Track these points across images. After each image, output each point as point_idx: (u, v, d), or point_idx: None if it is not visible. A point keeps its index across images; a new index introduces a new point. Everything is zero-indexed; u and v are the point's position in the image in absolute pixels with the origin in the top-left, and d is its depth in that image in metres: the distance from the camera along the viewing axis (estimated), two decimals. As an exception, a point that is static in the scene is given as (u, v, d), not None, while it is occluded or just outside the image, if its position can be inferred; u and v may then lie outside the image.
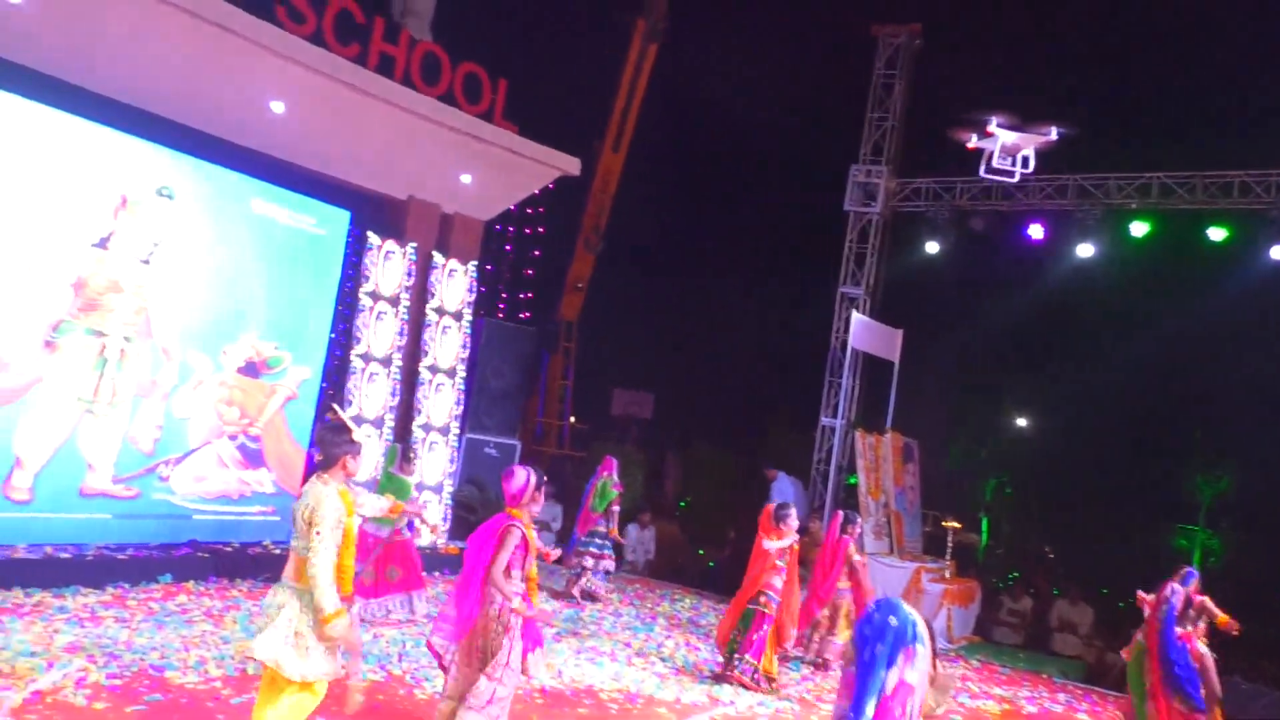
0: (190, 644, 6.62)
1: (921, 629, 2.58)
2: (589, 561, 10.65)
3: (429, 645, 5.47)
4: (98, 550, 8.29)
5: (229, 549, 9.20)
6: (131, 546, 8.59)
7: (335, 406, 4.73)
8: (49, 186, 7.96)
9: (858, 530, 9.43)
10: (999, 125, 11.02)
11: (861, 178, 13.42)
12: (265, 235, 9.71)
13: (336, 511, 4.41)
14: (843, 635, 9.20)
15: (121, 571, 8.11)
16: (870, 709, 2.51)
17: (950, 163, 13.03)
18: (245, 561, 9.10)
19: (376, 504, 5.15)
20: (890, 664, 2.55)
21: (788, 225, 13.90)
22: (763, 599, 7.90)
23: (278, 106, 9.67)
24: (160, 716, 5.28)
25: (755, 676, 7.85)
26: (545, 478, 5.73)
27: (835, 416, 12.99)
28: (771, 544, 7.97)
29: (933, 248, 13.19)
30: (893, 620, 2.59)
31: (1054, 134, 11.01)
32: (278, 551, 9.58)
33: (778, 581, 7.99)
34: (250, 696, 5.63)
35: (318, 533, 4.29)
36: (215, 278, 9.25)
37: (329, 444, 4.49)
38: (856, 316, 12.24)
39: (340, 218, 10.51)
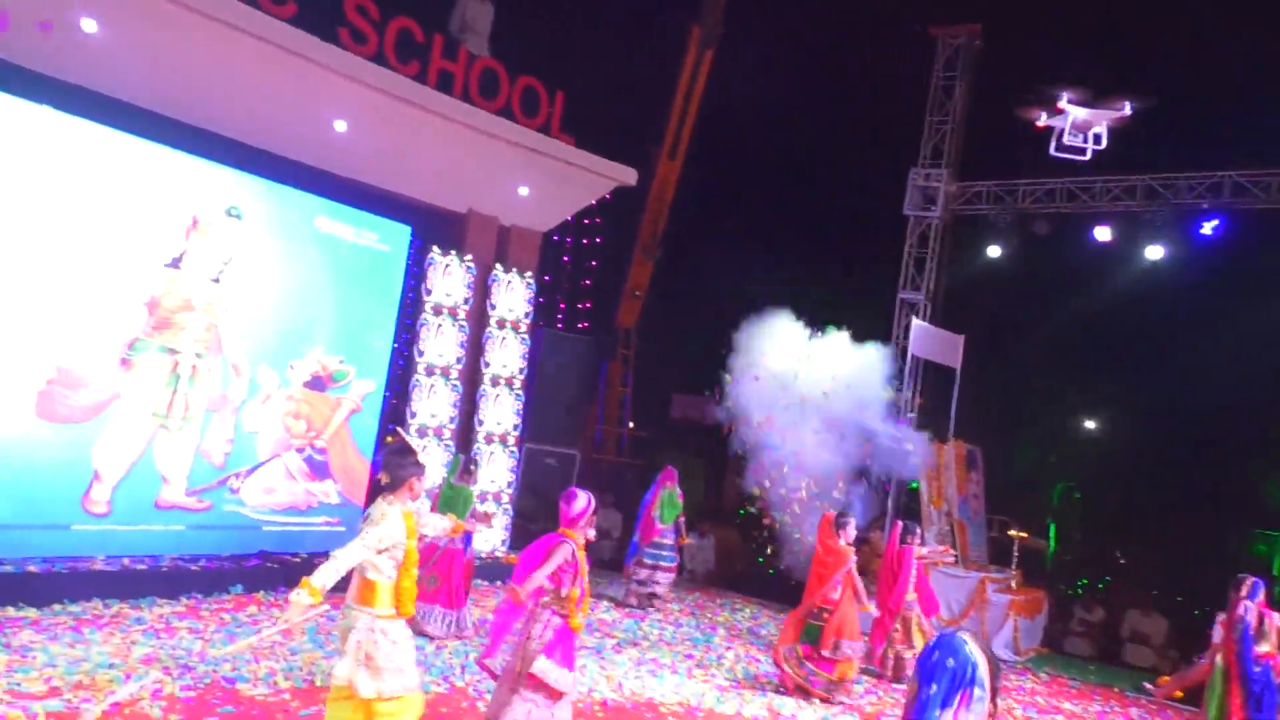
0: (260, 655, 6.80)
1: (982, 671, 2.54)
2: (642, 573, 10.71)
3: (480, 664, 5.57)
4: (172, 561, 8.55)
5: (297, 559, 9.41)
6: (204, 557, 8.85)
7: (398, 429, 4.83)
8: (123, 209, 8.23)
9: (918, 540, 9.34)
10: (1070, 101, 10.76)
11: (921, 181, 13.26)
12: (330, 252, 9.92)
13: (398, 533, 4.50)
14: (918, 648, 9.11)
15: (195, 582, 8.36)
16: None
17: (1012, 165, 12.82)
18: (313, 572, 9.27)
19: (439, 524, 5.24)
20: (945, 705, 2.52)
21: (845, 230, 13.76)
22: (825, 615, 7.87)
23: (340, 125, 9.87)
24: (231, 728, 5.43)
25: (828, 687, 7.81)
26: (598, 500, 5.79)
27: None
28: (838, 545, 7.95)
29: (995, 251, 12.98)
30: (950, 662, 2.55)
31: (1127, 109, 10.71)
32: (344, 561, 9.77)
33: (834, 595, 7.97)
34: (317, 709, 5.79)
35: (361, 535, 4.40)
36: (282, 294, 9.47)
37: (395, 466, 4.59)
38: (916, 323, 12.09)
39: (401, 232, 10.69)
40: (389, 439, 5.81)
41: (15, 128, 7.54)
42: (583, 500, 5.57)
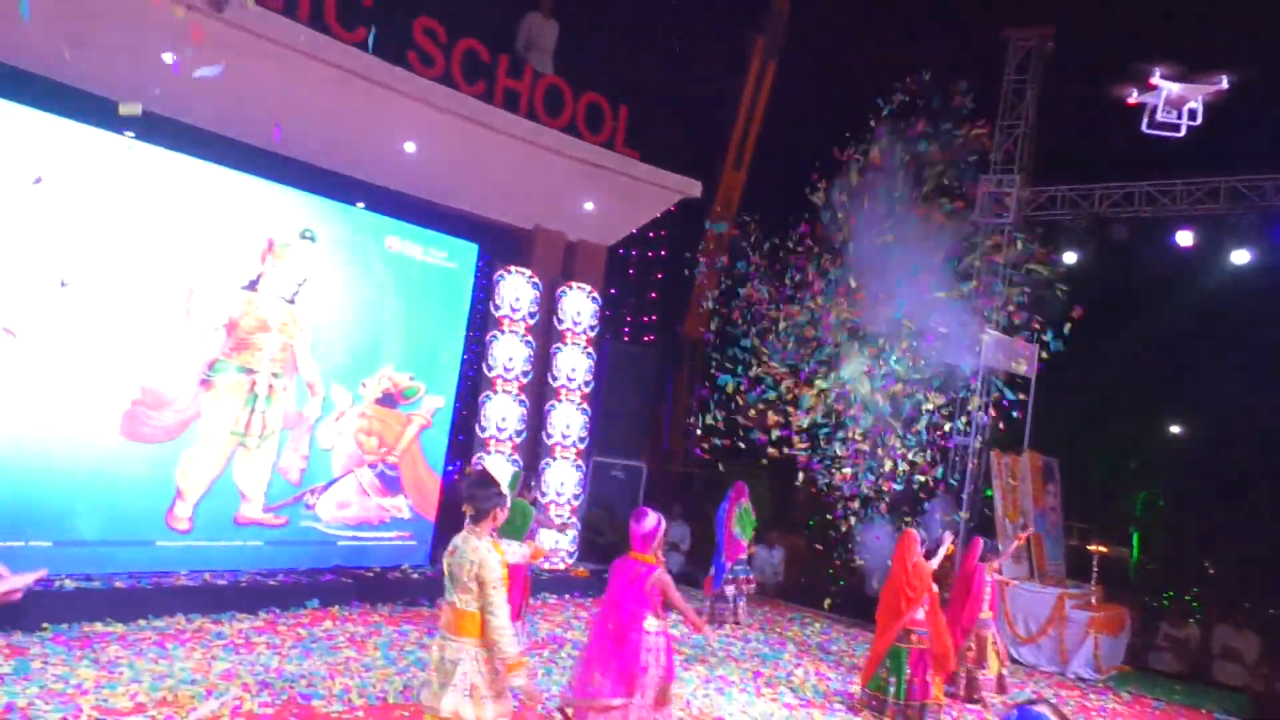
0: (335, 671, 6.96)
1: None
2: (729, 590, 10.70)
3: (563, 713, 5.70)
4: (250, 576, 8.78)
5: (370, 574, 9.60)
6: (281, 572, 9.07)
7: (479, 457, 4.89)
8: (202, 234, 8.49)
9: (998, 563, 9.15)
10: (1163, 77, 10.39)
11: (992, 187, 12.98)
12: (400, 271, 10.11)
13: (500, 566, 4.55)
14: (992, 668, 8.91)
15: (272, 597, 8.58)
16: None
17: (1087, 169, 12.48)
18: (385, 586, 9.49)
19: (520, 551, 5.30)
20: None
21: (915, 237, 13.51)
22: (914, 636, 7.67)
23: (409, 146, 10.06)
24: (307, 746, 5.55)
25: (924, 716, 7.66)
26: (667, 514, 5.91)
27: (968, 435, 12.57)
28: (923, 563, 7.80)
29: (1070, 258, 12.64)
30: None
31: (1224, 83, 10.30)
32: (415, 576, 9.95)
33: (920, 614, 7.76)
34: (390, 727, 5.90)
35: (494, 589, 4.46)
36: (353, 313, 9.67)
37: (479, 498, 4.63)
38: (988, 334, 11.83)
39: (469, 250, 10.84)
40: (468, 470, 5.93)
41: (98, 157, 7.83)
42: (652, 519, 5.67)
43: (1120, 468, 16.50)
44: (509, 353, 11.25)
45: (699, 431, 14.16)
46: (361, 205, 10.20)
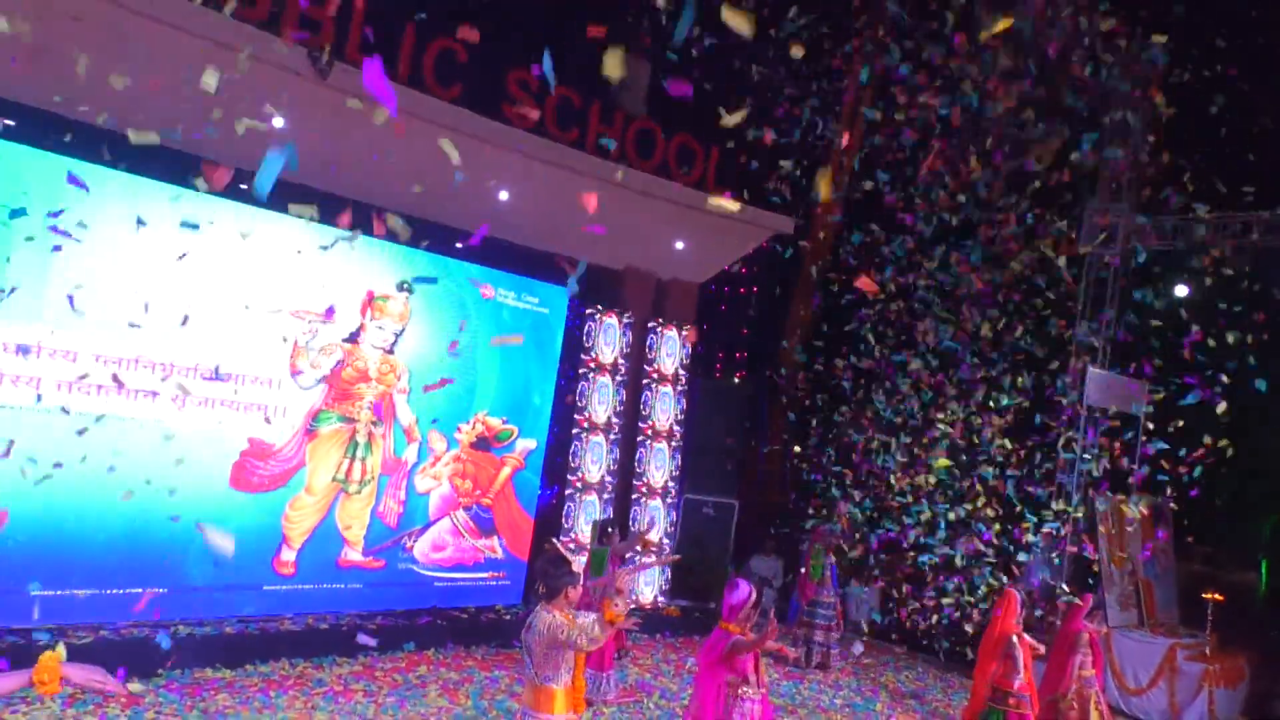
0: (427, 722, 7.18)
1: None
2: (819, 635, 10.61)
3: None
4: (351, 619, 9.10)
5: (464, 615, 9.85)
6: (380, 615, 9.38)
7: (553, 540, 5.02)
8: (306, 289, 8.84)
9: (1100, 619, 8.84)
10: None
11: (1099, 217, 12.55)
12: (493, 317, 10.35)
13: (565, 625, 4.67)
14: None
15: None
16: None
17: (1199, 196, 11.94)
18: (479, 628, 9.73)
19: (587, 622, 5.33)
20: None
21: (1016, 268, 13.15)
22: (1011, 700, 7.48)
23: (504, 195, 10.28)
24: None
25: None
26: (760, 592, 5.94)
27: (1072, 474, 12.15)
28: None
29: (1182, 291, 12.13)
30: None
31: None
32: (508, 617, 10.17)
33: (1016, 680, 7.55)
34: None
35: (569, 638, 4.58)
36: (448, 360, 9.93)
37: (551, 576, 4.77)
38: (1093, 370, 11.43)
39: (560, 293, 11.03)
40: (546, 547, 6.09)
41: (208, 218, 8.20)
42: (744, 590, 5.76)
43: (1241, 494, 15.59)
44: (599, 393, 11.40)
45: (794, 460, 14.07)
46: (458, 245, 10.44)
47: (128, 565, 7.83)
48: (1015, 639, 7.49)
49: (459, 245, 10.19)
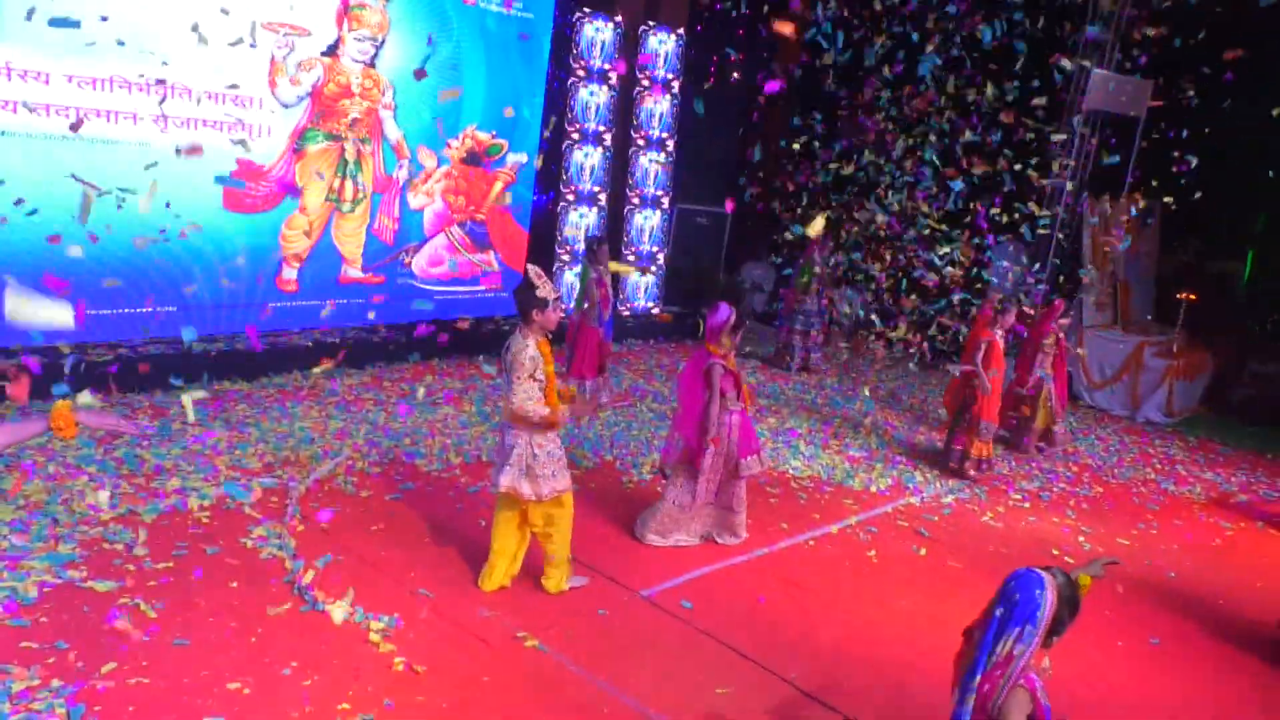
0: (435, 429, 7.73)
1: (1043, 613, 2.82)
2: (798, 340, 11.13)
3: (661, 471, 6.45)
4: (356, 333, 9.52)
5: (463, 324, 10.24)
6: (384, 328, 9.79)
7: (530, 266, 5.15)
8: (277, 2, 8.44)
9: (1067, 322, 9.24)
10: None
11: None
12: (477, 26, 9.93)
13: (533, 361, 4.96)
14: (1040, 422, 9.25)
15: (377, 353, 9.35)
16: (980, 673, 2.86)
17: None
18: (480, 338, 10.16)
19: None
20: (1004, 631, 2.85)
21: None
22: (976, 382, 8.03)
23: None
24: (412, 502, 6.34)
25: (961, 463, 8.22)
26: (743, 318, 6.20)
27: (1063, 177, 12.07)
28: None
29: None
30: (1017, 596, 2.85)
31: None
32: (506, 327, 10.60)
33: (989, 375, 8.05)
34: (482, 483, 6.67)
35: (514, 378, 4.91)
36: (434, 74, 9.64)
37: (520, 303, 5.00)
38: (1095, 72, 11.09)
39: (546, -2, 10.52)
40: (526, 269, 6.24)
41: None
42: (722, 313, 6.01)
43: (1236, 190, 15.49)
44: (590, 101, 11.17)
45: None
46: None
47: (136, 287, 8.07)
48: (987, 342, 7.90)
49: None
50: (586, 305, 8.72)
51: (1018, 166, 10.88)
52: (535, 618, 5.10)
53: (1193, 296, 11.46)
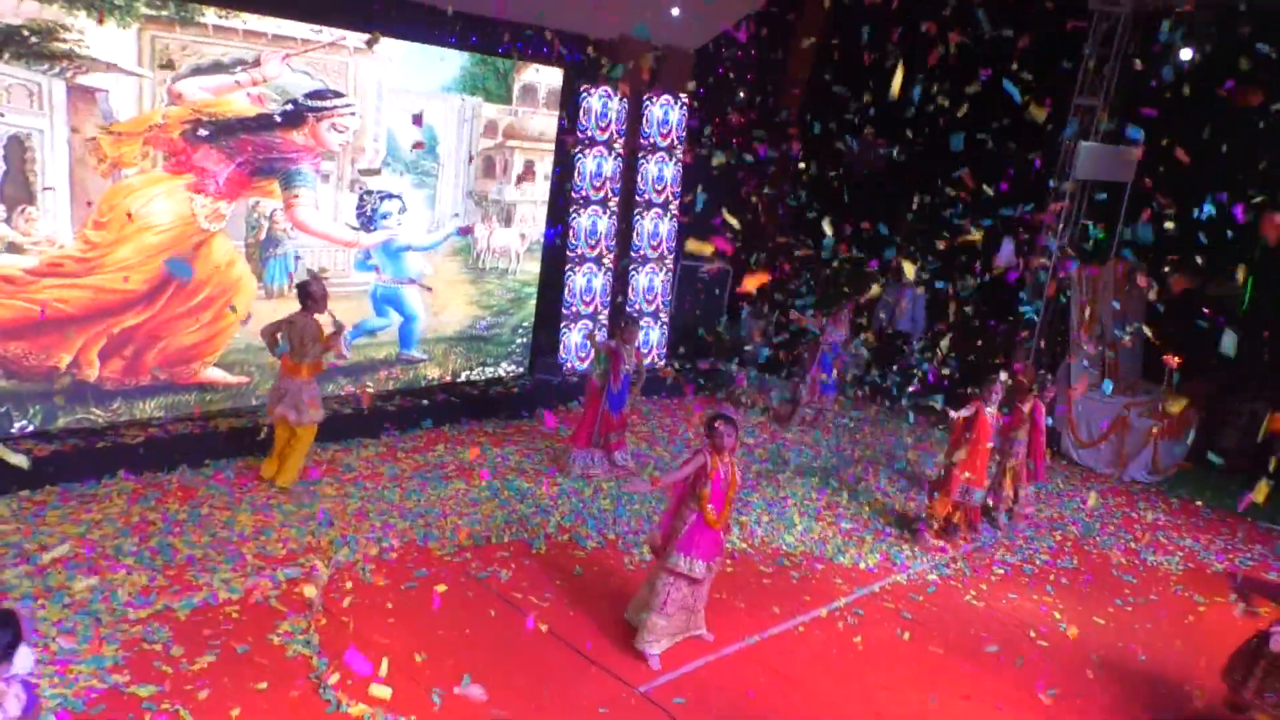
0: (447, 506, 8.16)
1: None
2: (813, 400, 11.71)
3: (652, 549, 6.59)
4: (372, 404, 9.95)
5: (475, 391, 10.72)
6: (399, 394, 10.23)
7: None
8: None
9: (1050, 396, 9.59)
10: None
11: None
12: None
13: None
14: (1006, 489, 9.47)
15: (391, 419, 9.80)
16: None
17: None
18: (489, 401, 10.62)
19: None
20: None
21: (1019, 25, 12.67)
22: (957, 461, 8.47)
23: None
24: (428, 592, 6.74)
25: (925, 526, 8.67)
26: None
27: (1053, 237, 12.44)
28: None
29: (1186, 54, 11.88)
30: None
31: None
32: (515, 390, 11.07)
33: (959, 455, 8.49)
34: (493, 569, 7.11)
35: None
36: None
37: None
38: (1084, 145, 11.49)
39: (554, 74, 10.92)
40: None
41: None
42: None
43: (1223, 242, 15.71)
44: (595, 168, 11.60)
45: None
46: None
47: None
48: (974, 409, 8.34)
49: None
50: (599, 373, 9.18)
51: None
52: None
53: (1178, 359, 11.80)
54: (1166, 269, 11.31)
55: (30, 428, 7.87)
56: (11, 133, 7.22)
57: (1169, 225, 10.41)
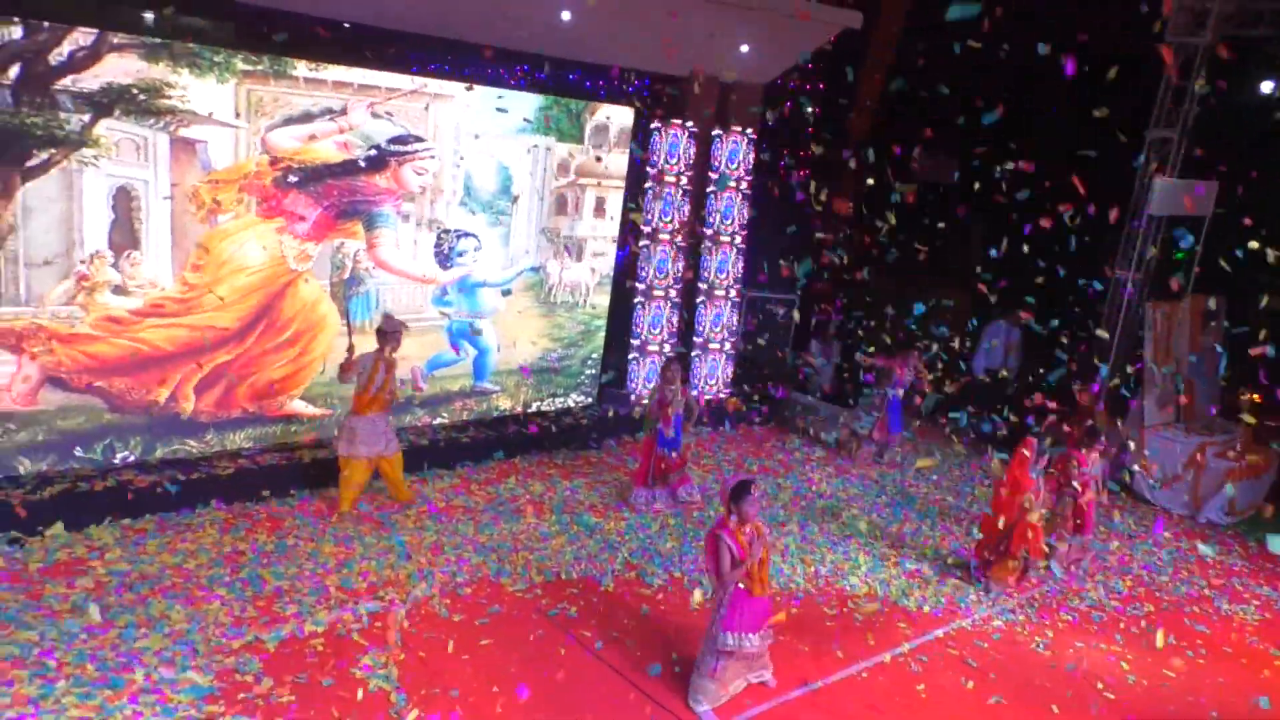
0: (518, 541, 8.41)
1: None
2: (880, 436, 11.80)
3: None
4: (446, 435, 10.27)
5: (547, 422, 10.99)
6: (471, 426, 10.55)
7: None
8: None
9: (1102, 448, 9.32)
10: None
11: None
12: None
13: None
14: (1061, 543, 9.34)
15: (465, 452, 10.12)
16: None
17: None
18: (560, 433, 10.89)
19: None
20: None
21: (1094, 55, 12.58)
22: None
23: (565, 15, 10.21)
24: (500, 628, 7.00)
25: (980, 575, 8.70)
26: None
27: (1129, 270, 12.22)
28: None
29: (1268, 87, 11.70)
30: None
31: None
32: (585, 421, 11.32)
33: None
34: (563, 605, 7.32)
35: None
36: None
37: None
38: (1159, 182, 11.36)
39: (625, 115, 11.17)
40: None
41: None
42: (728, 484, 6.30)
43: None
44: (665, 203, 11.81)
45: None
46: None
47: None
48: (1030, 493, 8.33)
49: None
50: (648, 417, 9.48)
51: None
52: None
53: (1257, 397, 11.60)
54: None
55: (131, 458, 8.34)
56: (120, 184, 7.70)
57: (1254, 245, 10.12)
